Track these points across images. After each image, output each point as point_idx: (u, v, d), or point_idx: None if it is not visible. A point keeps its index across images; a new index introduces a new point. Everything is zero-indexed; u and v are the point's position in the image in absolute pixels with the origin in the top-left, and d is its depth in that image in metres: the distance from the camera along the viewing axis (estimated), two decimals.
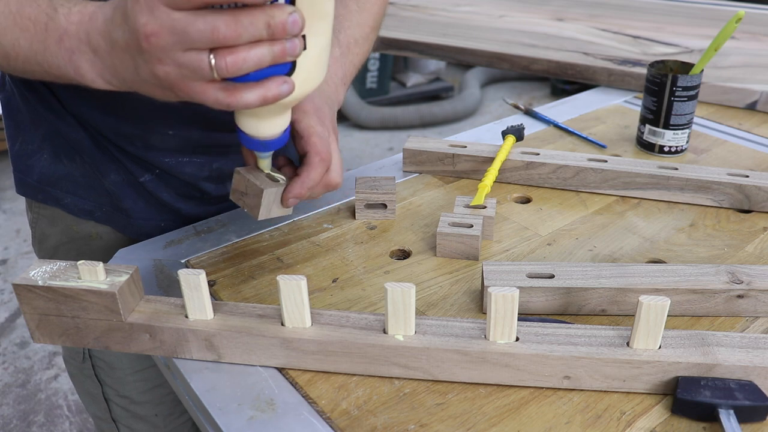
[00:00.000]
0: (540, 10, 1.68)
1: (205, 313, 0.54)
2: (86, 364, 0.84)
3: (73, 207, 0.79)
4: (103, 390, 0.85)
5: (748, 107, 1.08)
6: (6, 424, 1.74)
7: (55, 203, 0.79)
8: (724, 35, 0.84)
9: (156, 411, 0.86)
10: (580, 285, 0.59)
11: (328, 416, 0.50)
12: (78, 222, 0.80)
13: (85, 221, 0.80)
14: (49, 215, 0.81)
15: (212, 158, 0.79)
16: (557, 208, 0.78)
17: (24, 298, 0.54)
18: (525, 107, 1.10)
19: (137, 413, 0.86)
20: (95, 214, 0.80)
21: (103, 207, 0.79)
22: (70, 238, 0.81)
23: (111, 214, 0.80)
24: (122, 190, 0.78)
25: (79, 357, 0.84)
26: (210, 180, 0.81)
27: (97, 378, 0.84)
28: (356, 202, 0.75)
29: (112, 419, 0.87)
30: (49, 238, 0.83)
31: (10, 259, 2.43)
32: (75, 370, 0.87)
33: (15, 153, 0.79)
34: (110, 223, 0.81)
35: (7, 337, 2.06)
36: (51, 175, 0.78)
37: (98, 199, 0.79)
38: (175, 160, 0.78)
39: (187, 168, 0.79)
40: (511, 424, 0.49)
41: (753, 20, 1.52)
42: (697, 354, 0.50)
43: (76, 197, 0.79)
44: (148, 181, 0.78)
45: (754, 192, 0.76)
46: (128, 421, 0.86)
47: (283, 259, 0.70)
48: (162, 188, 0.79)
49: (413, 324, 0.52)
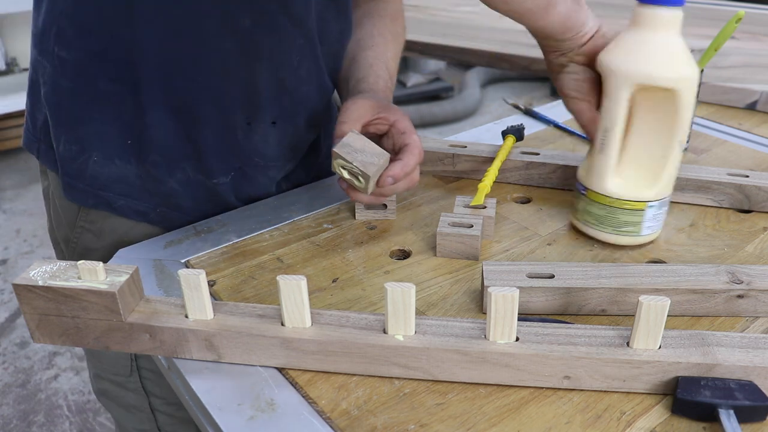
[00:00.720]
0: None
1: (205, 313, 0.54)
2: (133, 377, 0.82)
3: (127, 209, 0.76)
4: (149, 401, 0.83)
5: (748, 107, 1.08)
6: (6, 424, 1.74)
7: (107, 207, 0.76)
8: (724, 35, 0.84)
9: None
10: (580, 285, 0.59)
11: (328, 416, 0.50)
12: (131, 228, 0.77)
13: (138, 224, 0.77)
14: (97, 229, 0.78)
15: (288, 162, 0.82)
16: (557, 208, 0.78)
17: (24, 298, 0.54)
18: (525, 107, 1.10)
19: (184, 418, 0.84)
20: (149, 215, 0.77)
21: (158, 207, 0.77)
22: (119, 246, 0.77)
23: (167, 214, 0.78)
24: (184, 190, 0.76)
25: (125, 371, 0.81)
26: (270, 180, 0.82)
27: (144, 389, 0.82)
28: (356, 202, 0.75)
29: (158, 428, 0.85)
30: (92, 253, 0.79)
31: (10, 259, 2.43)
32: (113, 385, 0.84)
33: (61, 155, 0.74)
34: (165, 223, 0.78)
35: (7, 337, 2.06)
36: (103, 179, 0.74)
37: (153, 200, 0.76)
38: (263, 161, 0.79)
39: (270, 171, 0.80)
40: (511, 424, 0.49)
41: (753, 20, 1.52)
42: (697, 354, 0.50)
43: (129, 199, 0.76)
44: (221, 183, 0.77)
45: (754, 192, 0.76)
46: (174, 427, 0.85)
47: (283, 259, 0.70)
48: (231, 191, 0.79)
49: (413, 324, 0.52)
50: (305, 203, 0.81)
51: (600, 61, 0.67)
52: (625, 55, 0.64)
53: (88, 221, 0.78)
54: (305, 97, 0.78)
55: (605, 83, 0.66)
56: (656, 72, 0.63)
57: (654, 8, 0.62)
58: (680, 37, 0.64)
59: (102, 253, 0.78)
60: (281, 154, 0.80)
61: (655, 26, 0.63)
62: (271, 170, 0.81)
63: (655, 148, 0.67)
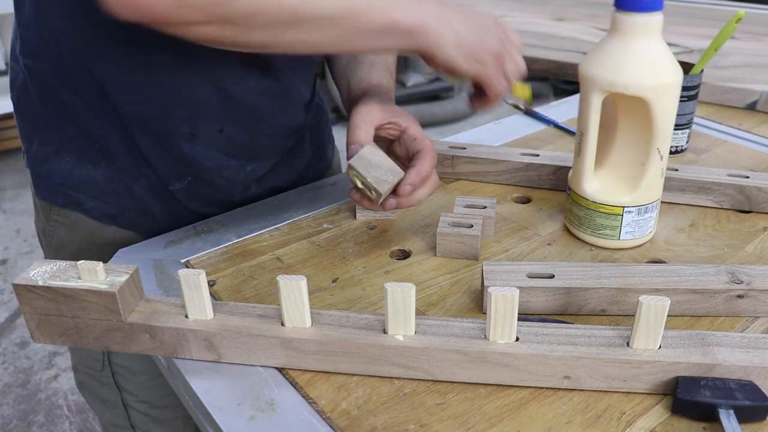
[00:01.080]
0: (540, 10, 1.68)
1: (205, 313, 0.54)
2: (105, 372, 0.82)
3: (96, 211, 0.77)
4: (122, 397, 0.84)
5: (748, 107, 1.08)
6: (6, 424, 1.74)
7: (77, 208, 0.77)
8: (724, 35, 0.84)
9: (176, 414, 0.85)
10: (580, 285, 0.59)
11: (328, 416, 0.50)
12: (100, 228, 0.78)
13: (107, 226, 0.78)
14: (70, 223, 0.79)
15: (246, 162, 0.80)
16: (557, 208, 0.78)
17: (24, 298, 0.54)
18: (525, 107, 1.10)
19: (157, 417, 0.85)
20: (118, 218, 0.78)
21: (127, 211, 0.78)
22: (92, 244, 0.79)
23: (135, 219, 0.79)
24: (150, 196, 0.77)
25: (97, 365, 0.83)
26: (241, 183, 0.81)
27: (117, 385, 0.83)
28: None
29: (131, 425, 0.86)
30: (68, 246, 0.80)
31: (10, 259, 2.43)
32: (89, 378, 0.85)
33: (32, 156, 0.76)
34: (134, 227, 0.79)
35: (7, 337, 2.06)
36: (73, 179, 0.76)
37: (122, 204, 0.77)
38: (215, 163, 0.77)
39: (225, 172, 0.79)
40: (511, 424, 0.49)
41: (753, 20, 1.52)
42: (697, 354, 0.50)
43: (99, 201, 0.77)
44: (177, 189, 0.78)
45: (755, 193, 0.76)
46: (147, 425, 0.85)
47: (283, 259, 0.70)
48: (190, 197, 0.79)
49: (413, 324, 0.52)
50: (305, 203, 0.81)
51: (579, 66, 0.67)
52: (598, 62, 0.64)
53: (61, 215, 0.79)
54: (256, 105, 0.76)
55: (581, 87, 0.67)
56: (623, 80, 0.62)
57: (630, 14, 0.62)
58: (660, 43, 0.63)
59: (75, 247, 0.80)
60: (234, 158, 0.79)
61: (633, 32, 0.62)
62: (226, 171, 0.79)
63: (635, 155, 0.67)
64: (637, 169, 0.67)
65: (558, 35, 1.45)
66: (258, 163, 0.81)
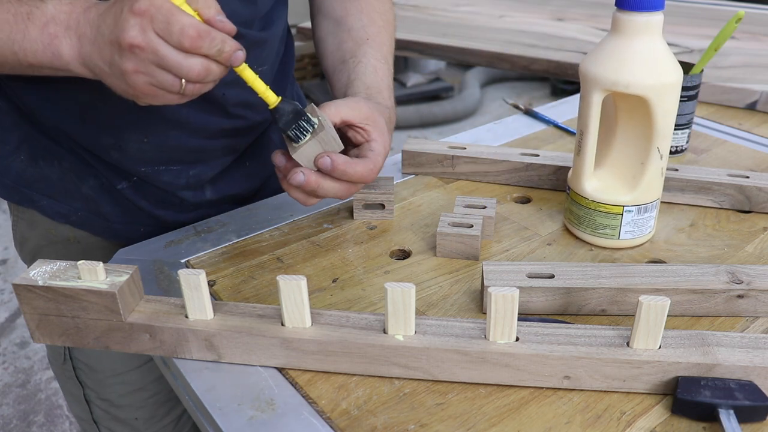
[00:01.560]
0: (540, 10, 1.69)
1: (205, 313, 0.54)
2: (67, 366, 0.83)
3: (49, 210, 0.79)
4: (84, 392, 0.84)
5: (748, 107, 1.08)
6: (6, 424, 1.74)
7: (31, 205, 0.79)
8: (724, 35, 0.84)
9: (136, 414, 0.85)
10: (580, 285, 0.59)
11: (328, 416, 0.50)
12: (55, 226, 0.80)
13: (61, 225, 0.80)
14: (29, 218, 0.81)
15: (188, 166, 0.79)
16: (557, 208, 0.78)
17: (24, 298, 0.54)
18: (525, 107, 1.10)
19: (118, 416, 0.85)
20: (71, 218, 0.79)
21: (79, 211, 0.79)
22: (50, 241, 0.81)
23: (87, 219, 0.79)
24: (100, 196, 0.78)
25: (60, 358, 0.84)
26: (187, 188, 0.80)
27: (78, 379, 0.84)
28: (354, 202, 0.75)
29: (94, 421, 0.87)
30: (29, 241, 0.82)
31: (10, 259, 2.43)
32: (58, 370, 0.87)
33: None
34: (87, 227, 0.80)
35: (7, 337, 2.06)
36: (27, 177, 0.77)
37: (74, 204, 0.78)
38: (151, 169, 0.77)
39: (164, 176, 0.78)
40: (511, 424, 0.49)
41: (753, 20, 1.53)
42: (697, 354, 0.50)
43: (51, 200, 0.78)
44: (125, 188, 0.78)
45: (755, 193, 0.76)
46: (109, 423, 0.86)
47: (283, 259, 0.70)
48: (139, 196, 0.79)
49: (413, 324, 0.52)
50: None
51: (580, 65, 0.67)
52: (599, 61, 0.64)
53: (20, 211, 0.81)
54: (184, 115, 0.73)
55: (581, 86, 0.67)
56: (624, 79, 0.63)
57: (630, 14, 0.62)
58: (660, 42, 0.63)
59: (35, 242, 0.81)
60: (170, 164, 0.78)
61: (633, 32, 0.62)
62: (165, 175, 0.78)
63: (635, 154, 0.67)
64: (636, 168, 0.67)
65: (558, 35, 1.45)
66: (203, 166, 0.80)
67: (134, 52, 0.52)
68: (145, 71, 0.53)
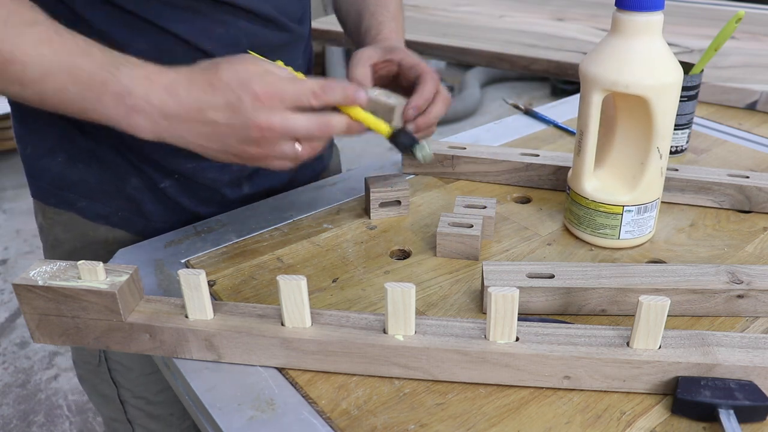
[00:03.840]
0: (540, 10, 1.69)
1: (205, 313, 0.54)
2: (102, 368, 0.83)
3: (88, 211, 0.78)
4: (118, 392, 0.84)
5: (748, 107, 1.08)
6: (6, 424, 1.74)
7: (69, 207, 0.78)
8: (724, 35, 0.84)
9: (171, 410, 0.86)
10: (580, 285, 0.59)
11: (328, 416, 0.50)
12: (93, 227, 0.79)
13: (100, 226, 0.79)
14: (64, 221, 0.80)
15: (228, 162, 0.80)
16: (557, 208, 0.78)
17: (24, 298, 0.54)
18: (525, 107, 1.10)
19: (153, 413, 0.86)
20: (111, 218, 0.79)
21: (120, 211, 0.79)
22: (86, 243, 0.80)
23: (128, 219, 0.79)
24: (142, 195, 0.78)
25: (94, 360, 0.84)
26: (230, 184, 0.81)
27: (113, 380, 0.84)
28: (372, 201, 0.75)
29: (128, 420, 0.87)
30: (63, 244, 0.81)
31: (10, 259, 2.43)
32: (88, 373, 0.86)
33: (27, 156, 0.78)
34: (126, 227, 0.80)
35: (7, 337, 2.06)
36: (65, 179, 0.77)
37: (114, 204, 0.78)
38: (196, 165, 0.78)
39: (208, 173, 0.79)
40: (511, 424, 0.49)
41: (753, 20, 1.53)
42: (697, 354, 0.50)
43: (91, 201, 0.78)
44: (167, 186, 0.78)
45: (755, 193, 0.76)
46: (143, 420, 0.86)
47: (283, 259, 0.70)
48: (182, 193, 0.79)
49: (413, 324, 0.52)
50: (305, 203, 0.81)
51: (580, 65, 0.67)
52: (599, 61, 0.65)
53: (56, 214, 0.80)
54: None
55: (581, 86, 0.67)
56: (624, 79, 0.63)
57: (630, 14, 0.62)
58: (660, 42, 0.63)
59: (70, 245, 0.81)
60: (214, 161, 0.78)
61: (633, 32, 0.62)
62: (209, 172, 0.79)
63: (635, 154, 0.67)
64: (636, 168, 0.67)
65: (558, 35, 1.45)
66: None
67: (264, 135, 0.54)
68: (269, 147, 0.56)
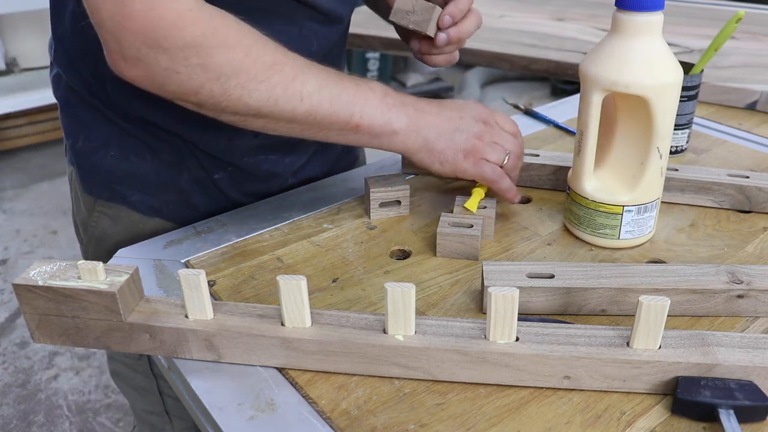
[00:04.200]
0: (540, 10, 1.68)
1: (205, 313, 0.54)
2: (142, 360, 0.84)
3: (141, 204, 0.79)
4: (158, 384, 0.85)
5: (748, 107, 1.08)
6: (6, 424, 1.74)
7: (122, 201, 0.79)
8: (724, 35, 0.84)
9: None
10: (580, 285, 0.59)
11: (328, 416, 0.50)
12: (143, 220, 0.80)
13: (150, 219, 0.80)
14: (114, 214, 0.80)
15: (285, 155, 0.82)
16: (557, 208, 0.78)
17: (24, 298, 0.54)
18: (525, 107, 1.10)
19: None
20: (163, 211, 0.80)
21: (171, 204, 0.79)
22: (133, 235, 0.80)
23: (179, 211, 0.80)
24: (193, 187, 0.79)
25: (134, 355, 0.84)
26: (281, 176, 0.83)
27: (153, 373, 0.84)
28: (372, 201, 0.75)
29: (165, 411, 0.88)
30: (110, 237, 0.81)
31: (10, 259, 2.43)
32: (124, 367, 0.87)
33: (78, 150, 0.78)
34: (177, 219, 0.80)
35: (7, 337, 2.06)
36: (118, 173, 0.77)
37: (167, 197, 0.79)
38: (253, 159, 0.80)
39: (263, 165, 0.81)
40: (511, 424, 0.49)
41: (753, 20, 1.52)
42: (697, 354, 0.50)
43: (144, 194, 0.78)
44: (220, 178, 0.79)
45: (755, 193, 0.76)
46: (181, 412, 0.87)
47: (283, 259, 0.70)
48: (232, 185, 0.81)
49: (413, 324, 0.52)
50: (305, 203, 0.81)
51: (580, 65, 0.67)
52: (599, 61, 0.65)
53: (106, 206, 0.80)
54: None
55: (581, 86, 0.67)
56: (624, 79, 0.63)
57: (630, 14, 0.62)
58: (660, 42, 0.63)
59: (117, 238, 0.81)
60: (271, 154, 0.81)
61: (633, 32, 0.62)
62: (264, 164, 0.81)
63: (635, 154, 0.67)
64: (636, 168, 0.67)
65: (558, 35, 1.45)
66: (295, 156, 0.84)
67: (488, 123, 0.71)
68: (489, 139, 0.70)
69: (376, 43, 1.49)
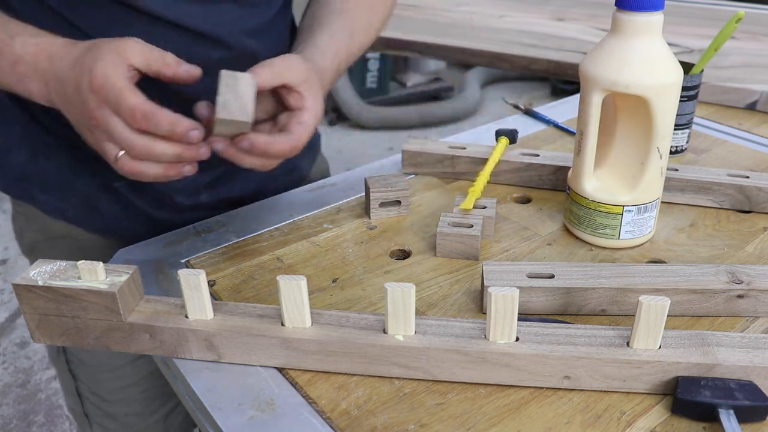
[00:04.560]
0: (540, 10, 1.68)
1: (205, 313, 0.54)
2: (61, 358, 0.84)
3: (46, 204, 0.79)
4: (76, 384, 0.85)
5: (748, 107, 1.08)
6: (6, 424, 1.74)
7: (29, 200, 0.80)
8: (724, 35, 0.84)
9: (127, 410, 0.86)
10: (580, 285, 0.59)
11: (328, 416, 0.50)
12: (51, 222, 0.80)
13: (56, 221, 0.80)
14: (26, 212, 0.82)
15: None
16: (557, 208, 0.78)
17: (24, 298, 0.54)
18: (525, 107, 1.10)
19: (108, 411, 0.86)
20: (67, 213, 0.80)
21: (76, 207, 0.79)
22: (46, 236, 0.81)
23: (83, 215, 0.80)
24: (98, 194, 0.79)
25: (54, 350, 0.85)
26: (182, 191, 0.80)
27: (71, 372, 0.84)
28: (372, 201, 0.75)
29: (85, 414, 0.87)
30: (26, 234, 0.83)
31: (10, 259, 2.43)
32: (55, 362, 0.88)
33: None
34: (82, 223, 0.80)
35: (7, 337, 2.06)
36: (27, 172, 0.78)
37: (71, 199, 0.79)
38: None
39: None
40: (511, 424, 0.49)
41: (753, 20, 1.52)
42: (697, 354, 0.50)
43: (48, 195, 0.79)
44: (121, 186, 0.78)
45: (755, 193, 0.76)
46: (99, 418, 0.87)
47: (283, 259, 0.70)
48: (136, 195, 0.79)
49: (413, 324, 0.52)
50: (305, 203, 0.81)
51: (580, 65, 0.67)
52: (599, 61, 0.65)
53: (20, 205, 0.82)
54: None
55: (581, 86, 0.67)
56: (624, 79, 0.63)
57: (630, 14, 0.62)
58: (660, 42, 0.63)
59: (32, 237, 0.82)
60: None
61: (633, 32, 0.62)
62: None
63: (635, 154, 0.67)
64: (636, 168, 0.68)
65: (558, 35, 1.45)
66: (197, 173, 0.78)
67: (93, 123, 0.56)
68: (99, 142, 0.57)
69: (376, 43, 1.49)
